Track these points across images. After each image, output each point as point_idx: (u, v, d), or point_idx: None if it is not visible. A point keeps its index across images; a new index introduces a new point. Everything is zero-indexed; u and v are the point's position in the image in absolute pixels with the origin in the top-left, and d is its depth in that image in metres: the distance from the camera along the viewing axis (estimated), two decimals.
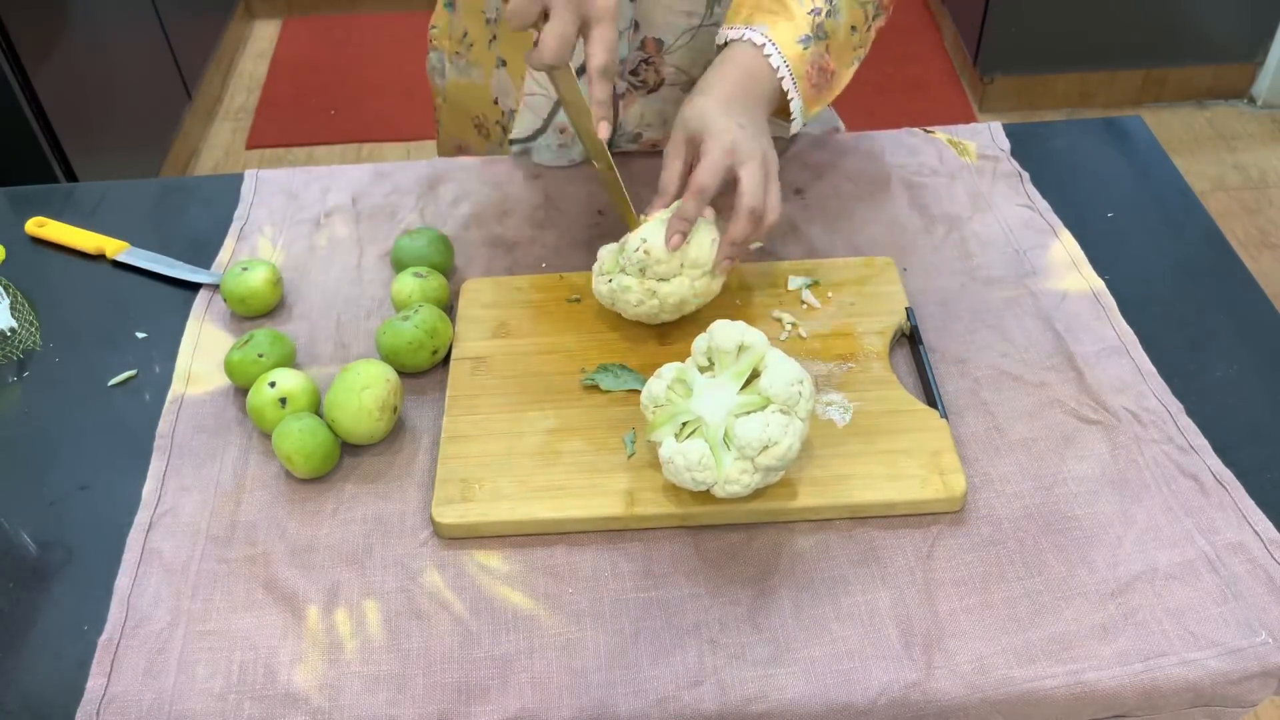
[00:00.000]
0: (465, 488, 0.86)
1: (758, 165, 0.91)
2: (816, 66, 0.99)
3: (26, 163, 2.07)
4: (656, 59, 1.07)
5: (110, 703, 0.75)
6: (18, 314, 1.04)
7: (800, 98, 0.99)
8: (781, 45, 0.97)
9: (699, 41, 1.06)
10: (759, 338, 0.83)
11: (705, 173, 0.90)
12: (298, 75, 3.08)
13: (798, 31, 0.98)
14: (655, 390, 0.84)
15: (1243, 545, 0.81)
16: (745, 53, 0.97)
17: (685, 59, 1.07)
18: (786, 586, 0.80)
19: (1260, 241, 2.47)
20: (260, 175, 1.21)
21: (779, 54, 0.97)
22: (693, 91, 0.96)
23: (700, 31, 1.05)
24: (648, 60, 1.08)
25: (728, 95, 0.94)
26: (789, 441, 0.79)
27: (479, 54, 1.18)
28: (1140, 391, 0.92)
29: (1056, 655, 0.76)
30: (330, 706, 0.75)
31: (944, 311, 1.01)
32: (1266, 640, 0.76)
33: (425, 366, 0.96)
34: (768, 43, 0.97)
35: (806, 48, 0.98)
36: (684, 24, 1.04)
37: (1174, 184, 1.16)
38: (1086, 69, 2.81)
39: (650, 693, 0.75)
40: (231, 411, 0.95)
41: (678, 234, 0.91)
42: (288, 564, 0.83)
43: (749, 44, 0.97)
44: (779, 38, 0.97)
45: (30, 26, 2.02)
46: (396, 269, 1.05)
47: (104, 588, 0.82)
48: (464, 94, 1.23)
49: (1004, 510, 0.85)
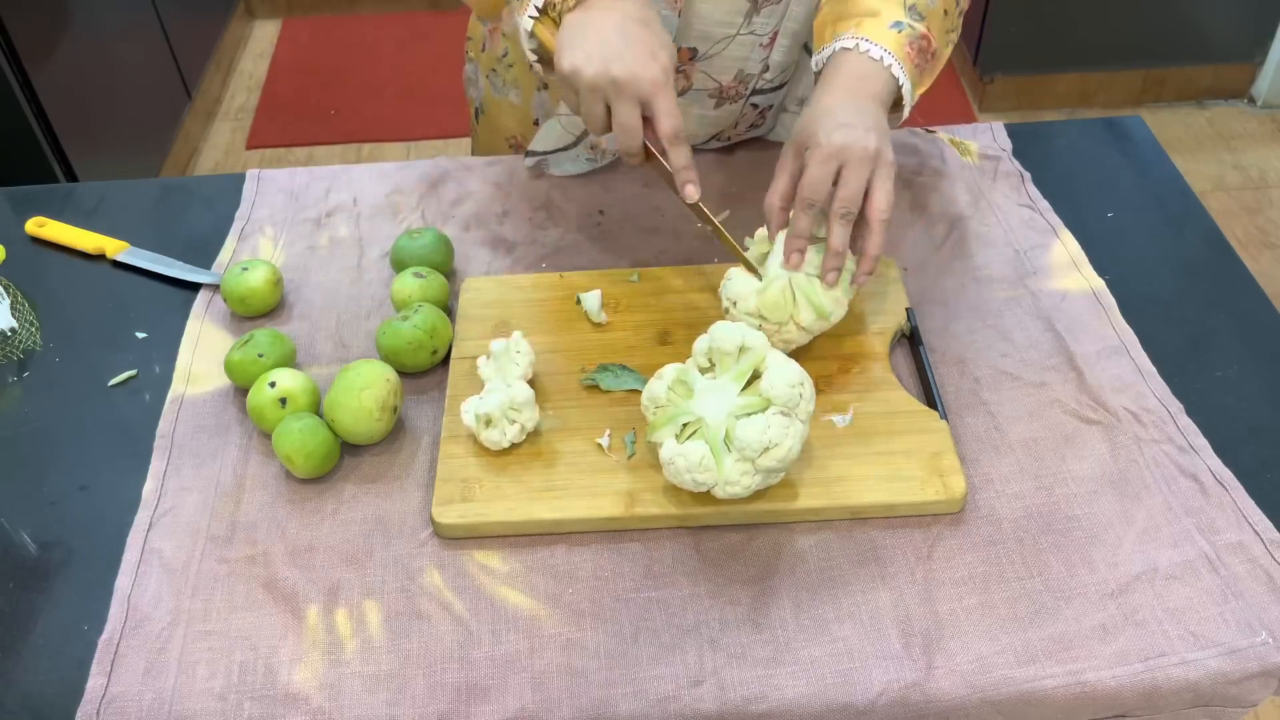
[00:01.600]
0: (465, 488, 0.86)
1: (865, 167, 0.86)
2: (916, 46, 0.94)
3: (26, 163, 2.07)
4: (688, 66, 1.07)
5: (110, 703, 0.75)
6: (18, 314, 1.04)
7: (907, 78, 0.93)
8: (875, 38, 0.93)
9: (732, 49, 1.05)
10: (760, 339, 0.83)
11: (808, 185, 0.86)
12: (298, 75, 3.08)
13: (886, 19, 0.94)
14: (656, 391, 0.84)
15: (1243, 545, 0.81)
16: (844, 59, 0.93)
17: (715, 65, 1.07)
18: (786, 586, 0.80)
19: (1260, 241, 2.47)
20: (262, 175, 1.21)
21: (876, 45, 0.92)
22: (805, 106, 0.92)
23: (734, 41, 1.05)
24: (679, 68, 1.07)
25: (835, 101, 0.90)
26: (790, 443, 0.79)
27: (519, 74, 1.17)
28: (1140, 391, 0.92)
29: (1056, 655, 0.76)
30: (330, 706, 0.75)
31: (944, 312, 1.01)
32: (1267, 640, 0.76)
33: (425, 366, 0.96)
34: (860, 41, 0.93)
35: (901, 30, 0.94)
36: (719, 32, 1.04)
37: (1174, 184, 1.16)
38: (1086, 69, 2.81)
39: (650, 693, 0.75)
40: (231, 411, 0.95)
41: (795, 252, 0.88)
42: (288, 564, 0.83)
43: (844, 51, 0.93)
44: (868, 33, 0.93)
45: (30, 26, 2.02)
46: (396, 269, 1.05)
47: (104, 587, 0.82)
48: (501, 112, 1.22)
49: (1004, 510, 0.85)
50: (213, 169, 2.76)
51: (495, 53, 1.18)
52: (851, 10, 0.96)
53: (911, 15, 0.95)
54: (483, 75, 1.22)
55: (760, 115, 1.16)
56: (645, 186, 1.16)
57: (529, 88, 1.17)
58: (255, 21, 3.33)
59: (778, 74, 1.10)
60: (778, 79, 1.11)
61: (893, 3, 0.96)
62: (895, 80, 0.93)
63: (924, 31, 0.95)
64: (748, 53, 1.06)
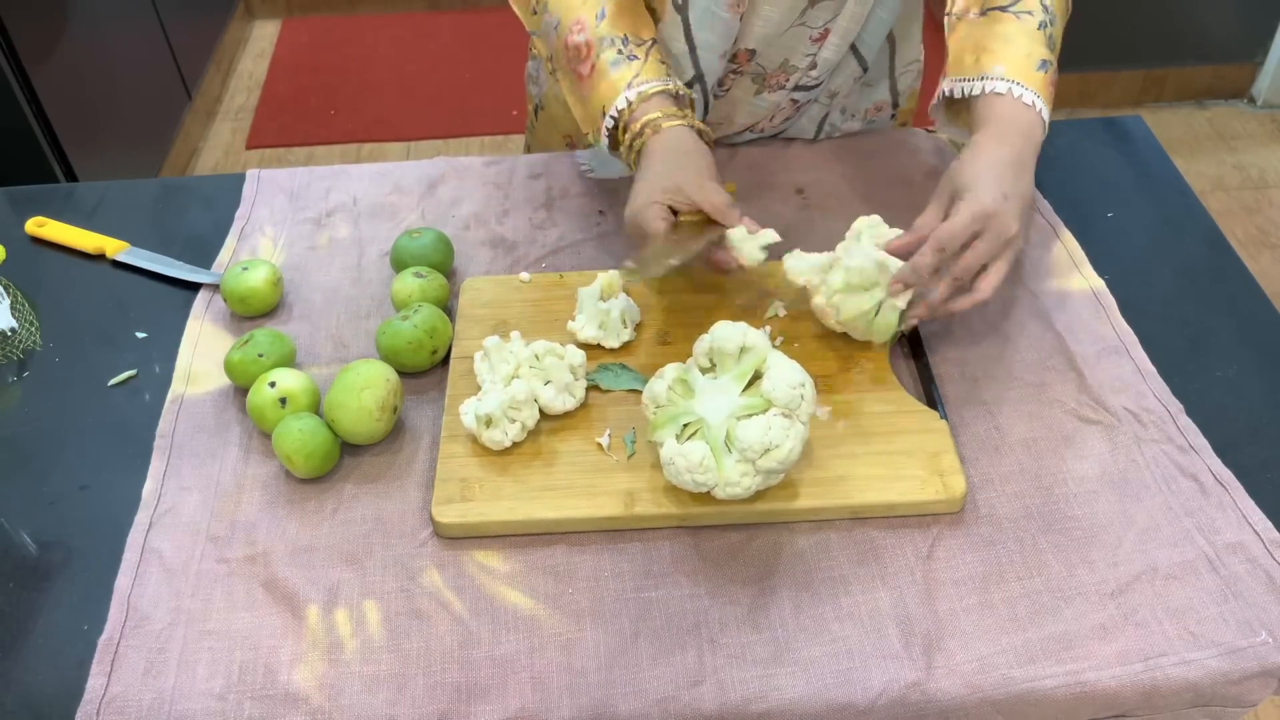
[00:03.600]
0: (465, 487, 0.86)
1: (998, 242, 0.88)
2: (1052, 80, 0.97)
3: (26, 163, 2.07)
4: (745, 67, 1.08)
5: (110, 703, 0.75)
6: (18, 314, 1.04)
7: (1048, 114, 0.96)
8: (1028, 82, 0.94)
9: (783, 39, 1.06)
10: (760, 339, 0.83)
11: (947, 232, 0.88)
12: (298, 75, 3.08)
13: (1033, 57, 0.95)
14: (656, 391, 0.84)
15: (1242, 545, 0.81)
16: (1008, 107, 0.94)
17: (765, 59, 1.08)
18: (786, 586, 0.80)
19: (1260, 241, 2.47)
20: (261, 175, 1.21)
21: (1030, 93, 0.94)
22: (968, 148, 0.93)
23: (787, 32, 1.05)
24: (738, 70, 1.08)
25: (1003, 159, 0.91)
26: (790, 445, 0.79)
27: None
28: (1140, 391, 0.92)
29: (1057, 655, 0.76)
30: (330, 706, 0.75)
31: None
32: (1266, 640, 0.76)
33: (425, 366, 0.96)
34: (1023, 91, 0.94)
35: (1046, 71, 0.96)
36: (774, 33, 1.04)
37: (1174, 184, 1.16)
38: (1086, 69, 2.81)
39: (650, 692, 0.75)
40: (231, 411, 0.95)
41: (899, 284, 0.90)
42: (288, 564, 0.83)
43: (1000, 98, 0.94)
44: (1019, 74, 0.94)
45: (30, 26, 2.02)
46: (396, 269, 1.05)
47: (104, 588, 0.82)
48: (562, 108, 1.22)
49: (1004, 510, 0.85)
50: (213, 169, 2.76)
51: None
52: (993, 37, 0.97)
53: (1048, 46, 0.96)
54: (546, 71, 1.22)
55: (796, 109, 1.17)
56: None
57: None
58: (255, 21, 3.33)
59: (824, 71, 1.10)
60: (822, 76, 1.11)
61: (1033, 34, 0.96)
62: (1045, 124, 0.95)
63: (1055, 63, 0.97)
64: (796, 44, 1.06)
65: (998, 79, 0.94)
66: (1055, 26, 0.98)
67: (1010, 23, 0.97)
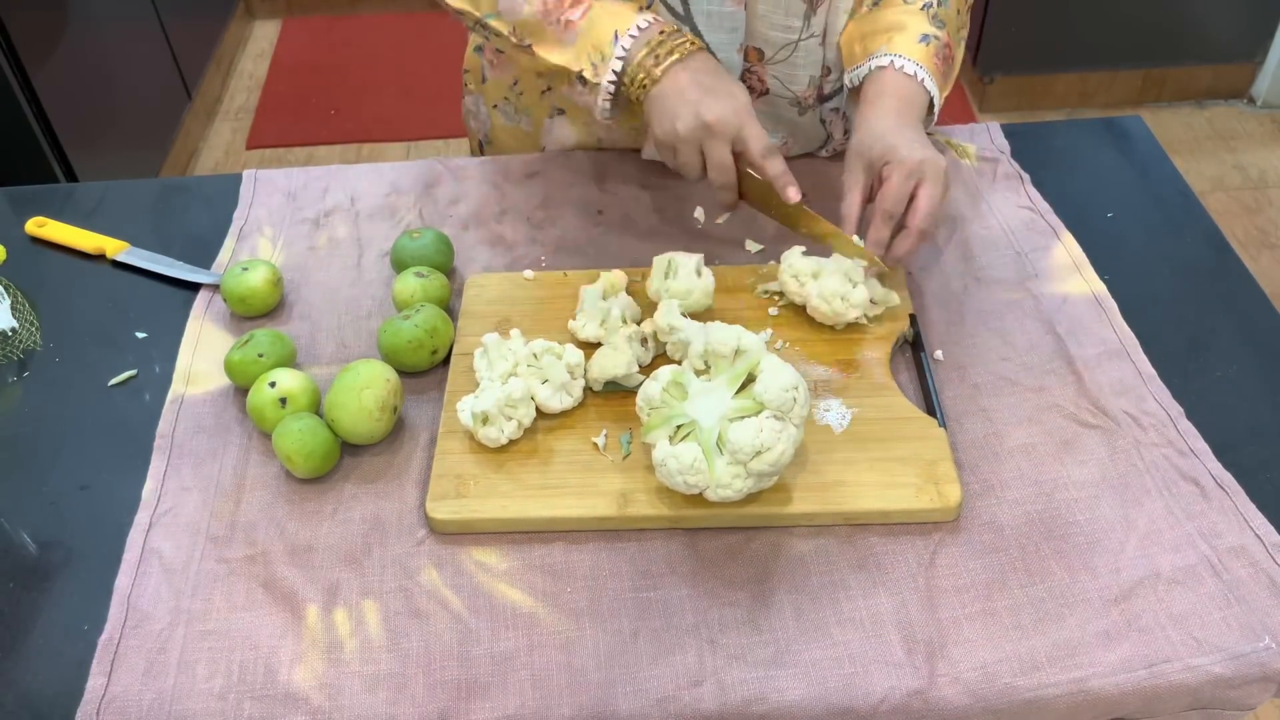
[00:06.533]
0: (460, 484, 0.86)
1: (939, 185, 0.93)
2: (940, 56, 1.01)
3: (26, 163, 2.07)
4: (759, 68, 1.08)
5: (110, 703, 0.75)
6: (18, 314, 1.04)
7: (937, 89, 1.01)
8: (908, 54, 0.99)
9: (797, 56, 1.07)
10: (756, 342, 0.83)
11: (891, 198, 0.93)
12: (298, 75, 3.08)
13: (914, 32, 1.00)
14: (651, 392, 0.84)
15: (1244, 549, 0.81)
16: (888, 79, 0.99)
17: (785, 71, 1.08)
18: (785, 589, 0.80)
19: (1260, 241, 2.47)
20: (259, 175, 1.20)
21: (910, 62, 0.99)
22: (858, 124, 0.98)
23: (799, 46, 1.06)
24: (750, 69, 1.09)
25: (896, 121, 0.96)
26: (782, 447, 0.79)
27: (529, 102, 1.18)
28: (1140, 395, 0.92)
29: (1060, 663, 0.75)
30: (330, 706, 0.75)
31: (946, 315, 1.00)
32: (1270, 645, 0.76)
33: (425, 366, 0.96)
34: (895, 58, 0.99)
35: (929, 44, 1.00)
36: (782, 37, 1.05)
37: (1174, 184, 1.16)
38: (1086, 69, 2.81)
39: (650, 692, 0.75)
40: (231, 411, 0.95)
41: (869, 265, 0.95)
42: (287, 564, 0.83)
43: (883, 70, 0.99)
44: (901, 49, 0.99)
45: (30, 26, 2.02)
46: (396, 269, 1.05)
47: (104, 588, 0.82)
48: (512, 139, 1.24)
49: (1005, 517, 0.84)
50: (213, 169, 2.76)
51: (504, 81, 1.19)
52: (878, 26, 1.02)
53: (935, 24, 1.01)
54: (486, 105, 1.23)
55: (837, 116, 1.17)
56: (644, 188, 1.16)
57: (540, 115, 1.18)
58: (255, 21, 3.32)
59: (838, 73, 1.11)
60: (838, 79, 1.11)
61: (916, 14, 1.01)
62: (929, 94, 0.99)
63: (946, 40, 1.01)
64: (815, 58, 1.08)
65: (880, 56, 1.00)
66: (945, 7, 1.03)
67: (894, 8, 1.03)
